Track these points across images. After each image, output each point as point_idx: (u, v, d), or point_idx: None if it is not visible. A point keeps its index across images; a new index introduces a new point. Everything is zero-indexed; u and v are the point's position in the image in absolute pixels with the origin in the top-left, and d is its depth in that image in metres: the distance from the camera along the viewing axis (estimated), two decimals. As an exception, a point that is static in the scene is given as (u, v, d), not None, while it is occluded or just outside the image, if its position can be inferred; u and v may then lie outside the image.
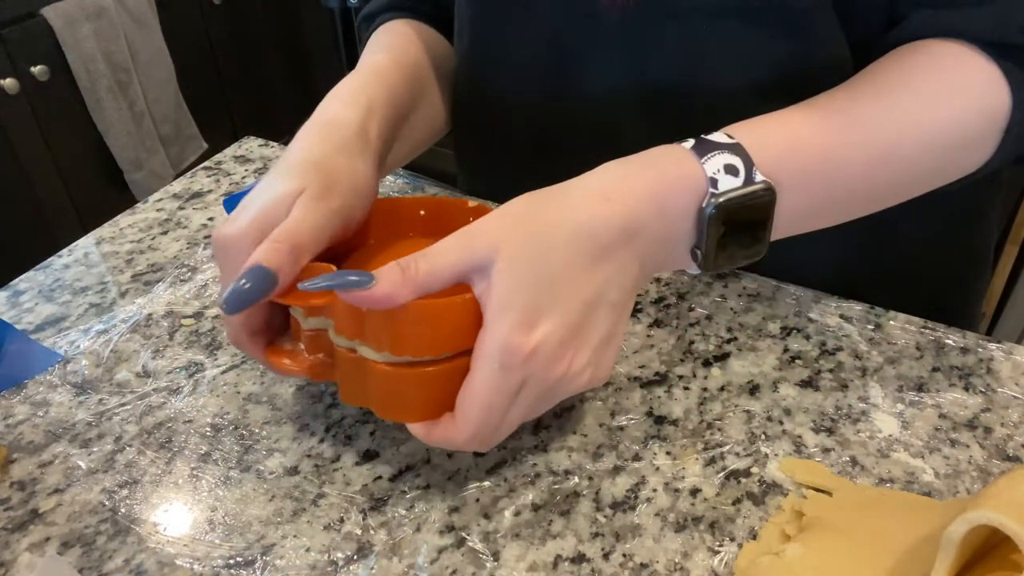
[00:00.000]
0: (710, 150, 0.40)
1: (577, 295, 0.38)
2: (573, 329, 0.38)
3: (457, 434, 0.38)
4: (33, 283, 0.60)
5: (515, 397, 0.38)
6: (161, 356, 0.53)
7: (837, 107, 0.44)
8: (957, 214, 0.60)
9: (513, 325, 0.36)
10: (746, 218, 0.40)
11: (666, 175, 0.40)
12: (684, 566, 0.38)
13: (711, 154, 0.40)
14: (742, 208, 0.40)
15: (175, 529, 0.41)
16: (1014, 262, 1.34)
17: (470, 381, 0.37)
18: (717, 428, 0.45)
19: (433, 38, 0.62)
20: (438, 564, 0.39)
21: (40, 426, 0.48)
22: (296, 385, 0.50)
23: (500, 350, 0.36)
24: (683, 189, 0.40)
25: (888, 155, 0.44)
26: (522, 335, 0.36)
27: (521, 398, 0.38)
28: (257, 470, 0.44)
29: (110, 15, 1.61)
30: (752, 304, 0.54)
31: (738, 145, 0.40)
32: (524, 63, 0.57)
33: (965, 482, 0.42)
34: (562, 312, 0.37)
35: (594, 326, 0.39)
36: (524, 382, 0.37)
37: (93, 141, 1.67)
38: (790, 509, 0.40)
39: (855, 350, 0.50)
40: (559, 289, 0.37)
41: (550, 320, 0.37)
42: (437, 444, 0.39)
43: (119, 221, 0.68)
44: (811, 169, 0.42)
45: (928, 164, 0.46)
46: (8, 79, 1.47)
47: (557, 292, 0.37)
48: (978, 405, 0.46)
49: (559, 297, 0.37)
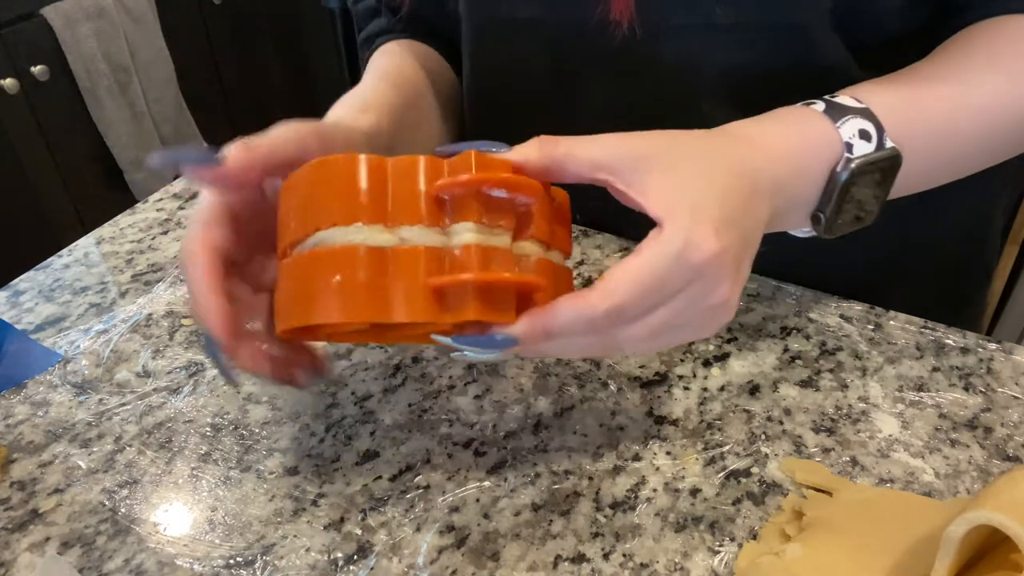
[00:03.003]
0: (843, 114, 0.40)
1: (744, 220, 0.36)
2: (744, 254, 0.36)
3: (597, 301, 0.33)
4: (33, 283, 0.60)
5: (667, 299, 0.34)
6: (161, 356, 0.53)
7: (947, 75, 0.44)
8: (964, 216, 0.60)
9: (700, 222, 0.33)
10: (870, 185, 0.40)
11: (807, 136, 0.40)
12: (684, 566, 0.38)
13: (845, 118, 0.40)
14: (869, 176, 0.40)
15: (175, 529, 0.41)
16: (1014, 262, 1.34)
17: (633, 260, 0.34)
18: (717, 428, 0.45)
19: (430, 57, 0.62)
20: (438, 564, 0.39)
21: (40, 426, 0.48)
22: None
23: (684, 240, 0.33)
24: (821, 151, 0.39)
25: (994, 123, 0.44)
26: (711, 234, 0.33)
27: (671, 305, 0.35)
28: (257, 470, 0.44)
29: (110, 15, 1.61)
30: (752, 304, 0.54)
31: (867, 110, 0.40)
32: (525, 89, 0.57)
33: (965, 482, 0.42)
34: (741, 231, 0.35)
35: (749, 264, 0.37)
36: (688, 285, 0.34)
37: (93, 141, 1.67)
38: (790, 509, 0.40)
39: (855, 350, 0.50)
40: (729, 209, 0.35)
41: (732, 233, 0.34)
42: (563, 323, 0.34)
43: (119, 221, 0.68)
44: (932, 134, 0.43)
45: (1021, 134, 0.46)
46: (8, 79, 1.47)
47: (729, 210, 0.35)
48: (978, 405, 0.46)
49: (734, 216, 0.35)
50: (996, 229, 0.65)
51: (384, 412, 0.48)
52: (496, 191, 0.34)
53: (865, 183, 0.40)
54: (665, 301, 0.34)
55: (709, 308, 0.35)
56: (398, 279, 0.33)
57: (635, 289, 0.34)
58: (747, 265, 0.37)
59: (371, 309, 0.33)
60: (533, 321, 0.34)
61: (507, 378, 0.49)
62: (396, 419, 0.47)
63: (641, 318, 0.35)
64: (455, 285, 0.33)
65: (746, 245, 0.36)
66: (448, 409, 0.48)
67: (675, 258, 0.33)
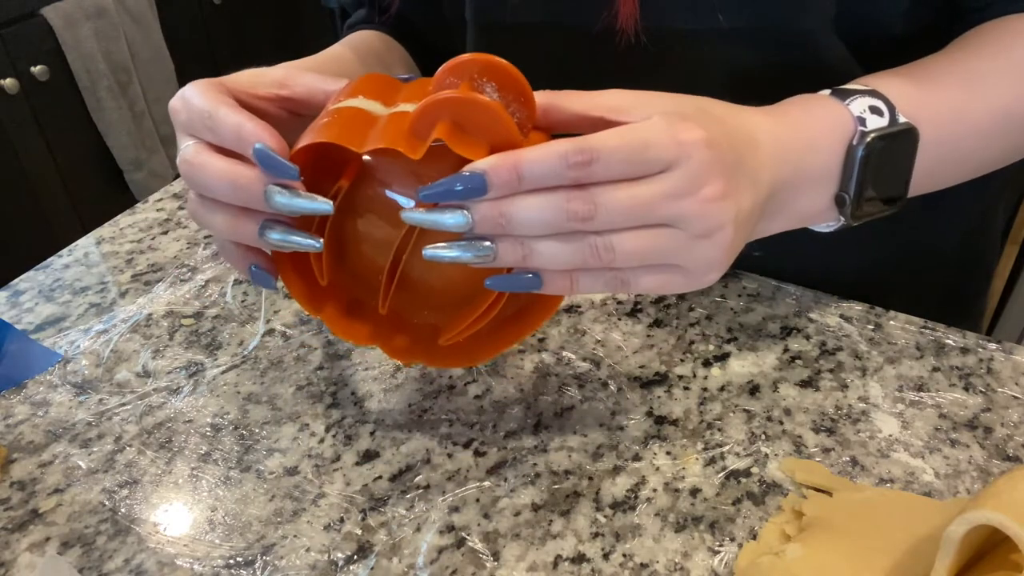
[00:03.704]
0: (850, 95, 0.40)
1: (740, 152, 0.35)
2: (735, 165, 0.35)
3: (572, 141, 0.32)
4: (33, 283, 0.60)
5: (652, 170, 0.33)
6: (161, 356, 0.53)
7: (955, 68, 0.44)
8: (965, 217, 0.60)
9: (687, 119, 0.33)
10: (890, 161, 0.40)
11: (814, 113, 0.40)
12: (684, 566, 0.38)
13: (853, 97, 0.40)
14: (887, 150, 0.39)
15: (175, 529, 0.41)
16: (1014, 262, 1.34)
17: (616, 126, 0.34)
18: (717, 428, 0.45)
19: (392, 48, 0.62)
20: (438, 564, 0.39)
21: (40, 426, 0.48)
22: (296, 385, 0.50)
23: (669, 121, 0.33)
24: (833, 127, 0.39)
25: (1009, 111, 0.44)
26: (698, 126, 0.33)
27: (658, 181, 0.33)
28: (257, 470, 0.44)
29: (110, 15, 1.61)
30: (752, 304, 0.54)
31: (875, 90, 0.40)
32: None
33: (965, 482, 0.42)
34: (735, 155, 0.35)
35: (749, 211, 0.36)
36: (674, 164, 0.33)
37: (93, 141, 1.67)
38: (790, 509, 0.40)
39: (855, 350, 0.50)
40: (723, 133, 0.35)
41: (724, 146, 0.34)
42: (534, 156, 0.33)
43: (119, 221, 0.68)
44: (943, 117, 0.42)
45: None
46: (8, 79, 1.47)
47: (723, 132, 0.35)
48: (978, 405, 0.46)
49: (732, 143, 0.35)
50: (996, 231, 0.65)
51: (384, 412, 0.48)
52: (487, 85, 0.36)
53: (885, 159, 0.40)
54: (650, 172, 0.33)
55: (701, 205, 0.33)
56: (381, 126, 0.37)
57: (614, 137, 0.32)
58: (746, 206, 0.35)
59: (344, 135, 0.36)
60: (504, 155, 0.33)
61: (507, 378, 0.49)
62: (396, 419, 0.47)
63: (625, 184, 0.33)
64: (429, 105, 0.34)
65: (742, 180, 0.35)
66: (448, 409, 0.48)
67: (660, 127, 0.33)
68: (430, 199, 0.34)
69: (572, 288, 0.36)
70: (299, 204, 0.36)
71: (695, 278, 0.36)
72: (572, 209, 0.33)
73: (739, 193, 0.35)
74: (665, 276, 0.36)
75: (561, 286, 0.36)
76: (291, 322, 0.55)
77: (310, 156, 0.37)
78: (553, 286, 0.36)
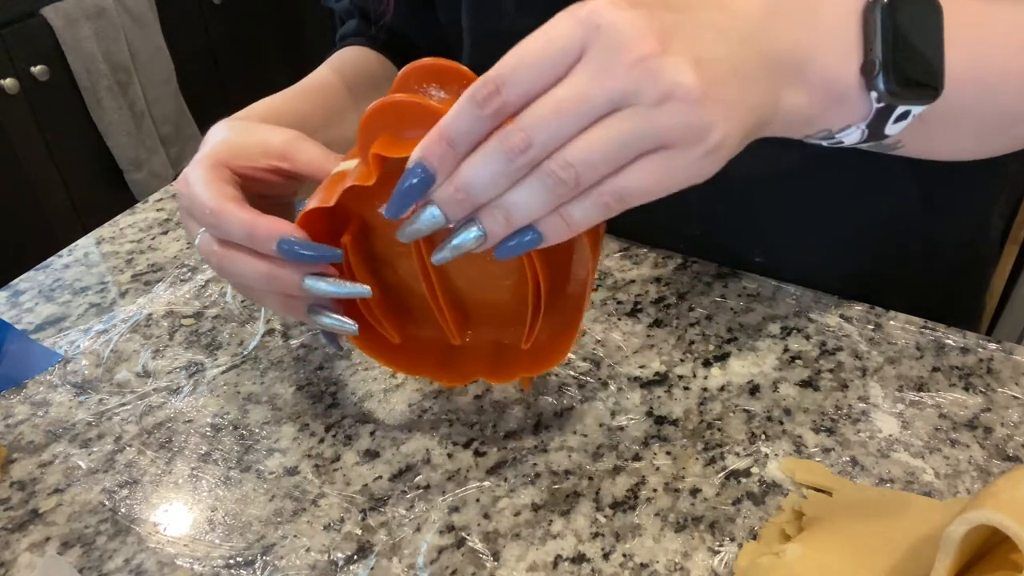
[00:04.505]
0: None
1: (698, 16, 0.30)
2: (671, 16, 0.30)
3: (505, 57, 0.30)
4: (33, 283, 0.60)
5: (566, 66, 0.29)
6: (161, 356, 0.53)
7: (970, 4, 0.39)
8: (964, 217, 0.60)
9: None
10: (914, 30, 0.34)
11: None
12: (684, 566, 0.38)
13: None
14: (908, 14, 0.34)
15: (175, 529, 0.41)
16: (1014, 262, 1.34)
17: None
18: (717, 428, 0.45)
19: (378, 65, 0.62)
20: (438, 564, 0.39)
21: (40, 426, 0.48)
22: (296, 385, 0.50)
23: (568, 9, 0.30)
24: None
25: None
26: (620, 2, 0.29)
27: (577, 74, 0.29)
28: (257, 470, 0.44)
29: (110, 15, 1.62)
30: (752, 304, 0.54)
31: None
32: None
33: (965, 482, 0.42)
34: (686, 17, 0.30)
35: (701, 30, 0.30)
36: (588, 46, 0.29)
37: (93, 141, 1.67)
38: (790, 509, 0.40)
39: (855, 350, 0.50)
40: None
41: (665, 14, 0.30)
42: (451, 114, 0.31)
43: (119, 221, 0.68)
44: (966, 25, 0.37)
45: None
46: (8, 79, 1.47)
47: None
48: (978, 405, 0.46)
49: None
50: (995, 231, 0.65)
51: (384, 412, 0.48)
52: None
53: (912, 15, 0.34)
54: (563, 70, 0.29)
55: (631, 69, 0.29)
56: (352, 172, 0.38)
57: (512, 53, 0.29)
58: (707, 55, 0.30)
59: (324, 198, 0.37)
60: (428, 134, 0.31)
61: (507, 378, 0.49)
62: (396, 419, 0.47)
63: (542, 96, 0.30)
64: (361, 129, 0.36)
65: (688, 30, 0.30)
66: (448, 409, 0.48)
67: (560, 17, 0.29)
68: (393, 213, 0.33)
69: (569, 227, 0.33)
70: (339, 290, 0.38)
71: (691, 149, 0.30)
72: (509, 147, 0.30)
73: (688, 43, 0.29)
74: (655, 164, 0.30)
75: (558, 229, 0.33)
76: (291, 322, 0.55)
77: (315, 222, 0.38)
78: (551, 233, 0.33)
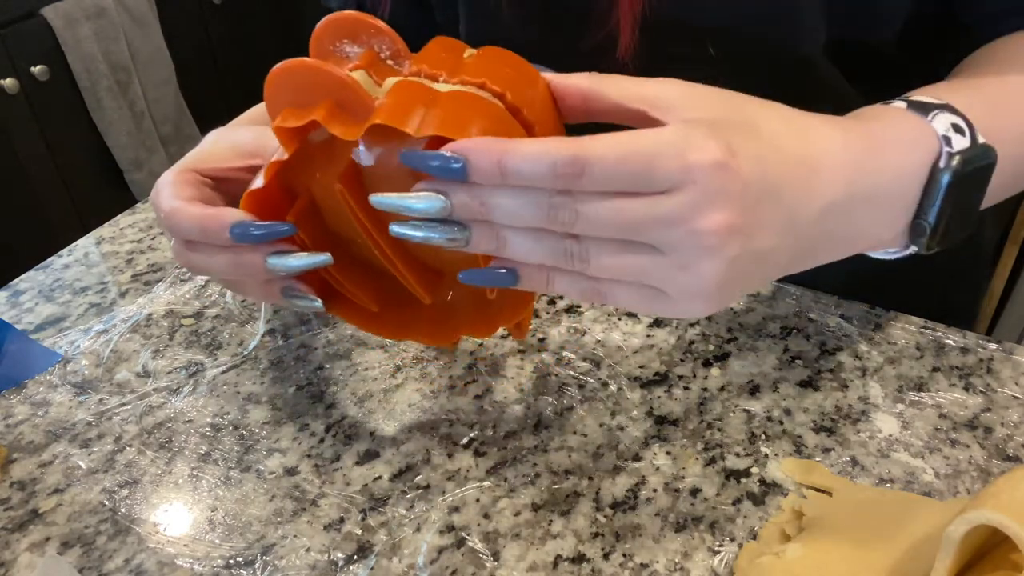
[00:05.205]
0: (930, 109, 0.36)
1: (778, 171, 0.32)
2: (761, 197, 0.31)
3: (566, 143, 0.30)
4: (33, 283, 0.60)
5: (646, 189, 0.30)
6: (161, 356, 0.53)
7: (999, 79, 0.41)
8: None
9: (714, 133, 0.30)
10: (971, 184, 0.36)
11: (897, 127, 0.36)
12: (684, 566, 0.38)
13: (934, 112, 0.36)
14: (968, 173, 0.35)
15: (175, 529, 0.41)
16: (1014, 262, 1.34)
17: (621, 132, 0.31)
18: (717, 428, 0.45)
19: None
20: (438, 564, 0.39)
21: (40, 426, 0.48)
22: (296, 385, 0.50)
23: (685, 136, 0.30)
24: (916, 146, 0.35)
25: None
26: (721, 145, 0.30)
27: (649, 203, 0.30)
28: (257, 470, 0.44)
29: (110, 15, 1.61)
30: (752, 304, 0.54)
31: (950, 105, 0.36)
32: None
33: (965, 482, 0.42)
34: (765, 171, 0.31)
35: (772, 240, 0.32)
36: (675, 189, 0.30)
37: (93, 141, 1.67)
38: (790, 509, 0.40)
39: (855, 350, 0.50)
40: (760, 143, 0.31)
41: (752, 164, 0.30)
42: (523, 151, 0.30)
43: (119, 221, 0.68)
44: (1012, 132, 0.39)
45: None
46: (8, 79, 1.47)
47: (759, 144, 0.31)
48: (978, 405, 0.46)
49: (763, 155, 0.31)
50: (991, 231, 0.65)
51: (384, 412, 0.48)
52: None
53: (968, 183, 0.35)
54: (651, 190, 0.30)
55: (692, 236, 0.30)
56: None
57: (613, 150, 0.30)
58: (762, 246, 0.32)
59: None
60: (491, 140, 0.31)
61: (507, 378, 0.49)
62: (396, 419, 0.47)
63: (611, 195, 0.30)
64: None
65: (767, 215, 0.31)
66: (448, 409, 0.48)
67: (670, 143, 0.30)
68: (408, 161, 0.32)
69: (548, 287, 0.34)
70: (300, 263, 0.38)
71: (677, 306, 0.33)
72: (554, 214, 0.31)
73: (756, 230, 0.31)
74: (644, 296, 0.33)
75: (535, 283, 0.34)
76: (291, 322, 0.55)
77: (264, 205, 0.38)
78: (529, 282, 0.34)
